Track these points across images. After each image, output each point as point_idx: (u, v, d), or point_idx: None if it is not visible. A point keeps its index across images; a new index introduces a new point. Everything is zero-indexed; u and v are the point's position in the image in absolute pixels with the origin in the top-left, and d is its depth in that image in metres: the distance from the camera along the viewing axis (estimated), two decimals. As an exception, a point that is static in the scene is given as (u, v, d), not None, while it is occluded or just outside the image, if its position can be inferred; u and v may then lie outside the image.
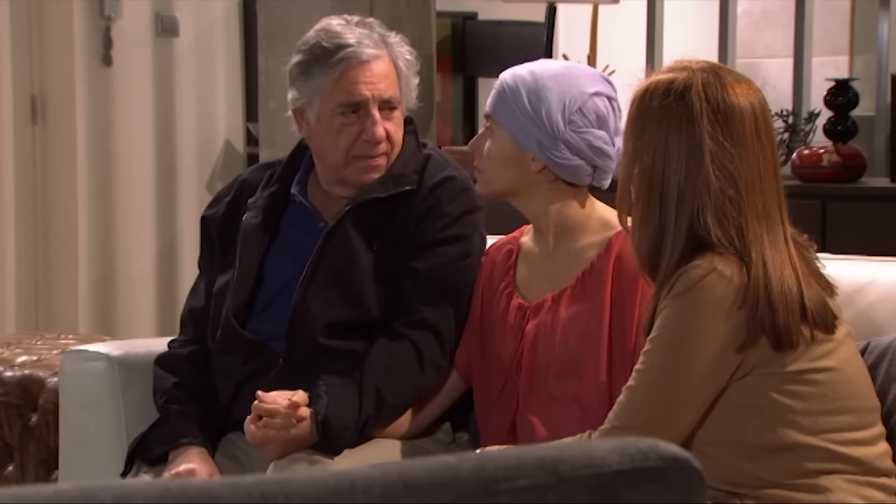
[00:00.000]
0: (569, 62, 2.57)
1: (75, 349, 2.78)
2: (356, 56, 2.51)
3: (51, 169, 5.05)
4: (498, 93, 2.48)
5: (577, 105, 2.43)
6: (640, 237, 2.14)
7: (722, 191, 2.08)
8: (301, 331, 2.52)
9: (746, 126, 2.10)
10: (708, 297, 2.04)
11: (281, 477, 1.03)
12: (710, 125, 2.09)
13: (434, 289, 2.52)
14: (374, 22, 2.58)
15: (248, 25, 5.41)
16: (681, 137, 2.10)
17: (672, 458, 1.06)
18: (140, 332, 5.03)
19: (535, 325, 2.46)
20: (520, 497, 1.01)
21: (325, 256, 2.53)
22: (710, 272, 2.04)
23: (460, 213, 2.55)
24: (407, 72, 2.56)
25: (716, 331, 2.05)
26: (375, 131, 2.52)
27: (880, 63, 4.72)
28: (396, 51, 2.55)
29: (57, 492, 0.98)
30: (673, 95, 2.11)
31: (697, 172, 2.08)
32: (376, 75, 2.52)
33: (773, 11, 6.01)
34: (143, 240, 5.22)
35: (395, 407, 2.50)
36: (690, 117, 2.09)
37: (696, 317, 2.05)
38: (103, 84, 5.09)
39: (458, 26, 5.67)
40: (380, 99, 2.52)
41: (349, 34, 2.53)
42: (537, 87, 2.43)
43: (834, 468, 2.06)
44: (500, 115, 2.46)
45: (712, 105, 2.09)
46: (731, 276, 2.05)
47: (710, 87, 2.10)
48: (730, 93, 2.11)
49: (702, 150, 2.08)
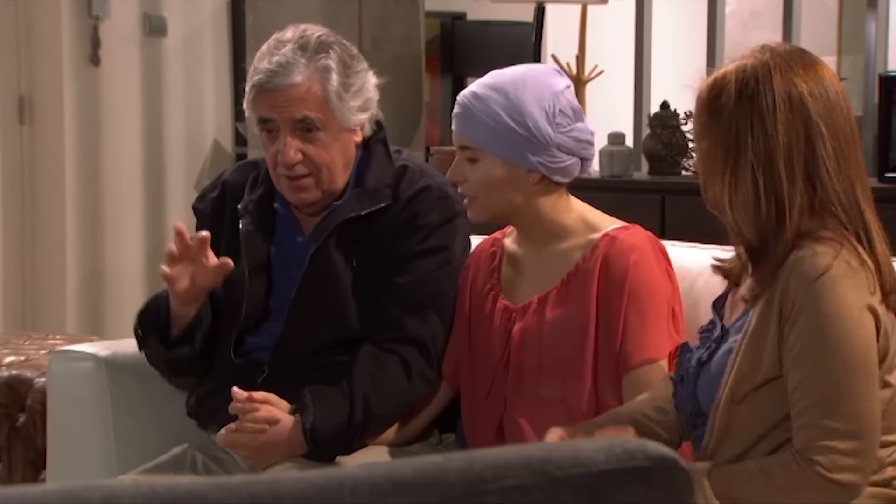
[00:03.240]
0: (518, 67, 2.49)
1: (63, 349, 2.77)
2: (263, 84, 2.48)
3: (39, 169, 5.04)
4: (471, 120, 2.42)
5: (556, 107, 2.42)
6: (750, 214, 2.05)
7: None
8: (287, 353, 2.53)
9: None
10: (845, 282, 1.99)
11: (269, 477, 1.03)
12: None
13: (417, 302, 2.51)
14: (314, 39, 2.50)
15: (237, 25, 5.40)
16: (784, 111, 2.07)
17: (659, 457, 1.06)
18: (128, 333, 4.98)
19: (522, 326, 2.45)
20: (507, 497, 1.01)
21: (310, 279, 2.52)
22: (836, 258, 2.00)
23: (439, 223, 2.53)
24: (340, 92, 2.48)
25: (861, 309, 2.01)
26: (284, 154, 2.48)
27: (868, 63, 4.73)
28: (326, 74, 2.48)
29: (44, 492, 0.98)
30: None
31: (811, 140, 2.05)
32: (287, 100, 2.47)
33: (761, 12, 6.02)
34: (132, 239, 5.21)
35: (383, 417, 2.50)
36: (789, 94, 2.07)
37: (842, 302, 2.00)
38: (91, 84, 5.08)
39: (446, 26, 5.67)
40: (291, 120, 2.48)
41: (273, 56, 2.48)
42: (514, 102, 2.40)
43: None
44: (484, 142, 2.42)
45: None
46: (851, 261, 2.00)
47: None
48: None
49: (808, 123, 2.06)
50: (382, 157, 2.58)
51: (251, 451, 2.44)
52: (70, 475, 2.68)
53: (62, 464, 2.71)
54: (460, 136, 2.45)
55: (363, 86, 2.52)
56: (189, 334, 2.56)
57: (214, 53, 5.43)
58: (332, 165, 2.52)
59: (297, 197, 2.54)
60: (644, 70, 4.90)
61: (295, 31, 2.53)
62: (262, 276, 2.56)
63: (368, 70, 2.56)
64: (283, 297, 2.55)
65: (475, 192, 2.45)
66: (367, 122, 2.55)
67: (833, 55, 5.79)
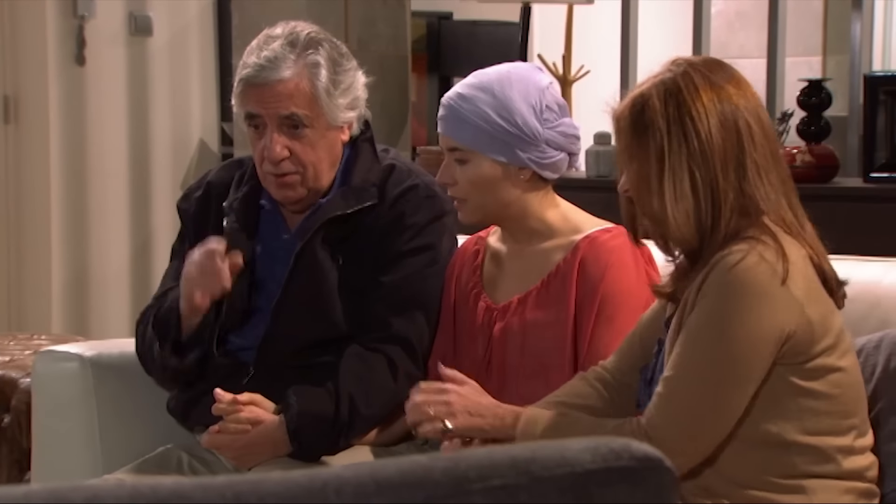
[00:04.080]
0: (500, 66, 2.49)
1: (48, 350, 2.77)
2: (251, 79, 2.47)
3: (23, 169, 5.02)
4: (459, 121, 2.41)
5: (542, 102, 2.42)
6: (685, 217, 2.06)
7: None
8: (272, 352, 2.52)
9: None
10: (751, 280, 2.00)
11: (253, 477, 1.03)
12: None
13: (403, 301, 2.51)
14: (304, 35, 2.50)
15: (223, 25, 5.40)
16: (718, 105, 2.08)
17: (644, 457, 1.06)
18: (114, 333, 5.01)
19: (503, 326, 2.45)
20: (492, 497, 1.01)
21: (296, 278, 2.52)
22: (750, 253, 2.01)
23: (426, 222, 2.53)
24: (329, 89, 2.47)
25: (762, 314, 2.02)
26: (270, 150, 2.47)
27: (853, 63, 4.74)
28: (314, 70, 2.47)
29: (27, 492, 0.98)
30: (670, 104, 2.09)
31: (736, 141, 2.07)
32: (275, 96, 2.46)
33: (746, 12, 6.03)
34: (117, 239, 5.20)
35: (369, 417, 2.49)
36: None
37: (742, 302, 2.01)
38: (77, 84, 5.07)
39: (433, 26, 5.67)
40: (277, 116, 2.47)
41: (262, 51, 2.47)
42: (501, 100, 2.40)
43: (822, 471, 2.06)
44: (474, 142, 2.41)
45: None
46: (771, 259, 2.01)
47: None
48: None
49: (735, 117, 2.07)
50: (369, 155, 2.57)
51: (235, 452, 2.44)
52: (55, 476, 2.67)
53: (47, 464, 2.71)
54: (448, 137, 2.44)
55: (352, 84, 2.52)
56: (199, 335, 2.54)
57: (200, 53, 5.42)
58: (319, 163, 2.51)
59: (282, 194, 2.53)
60: (630, 70, 4.90)
61: (285, 27, 2.53)
62: (245, 273, 2.56)
63: (358, 69, 2.55)
64: (269, 296, 2.55)
65: (466, 193, 2.45)
66: (355, 120, 2.55)
67: (818, 55, 5.80)
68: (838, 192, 4.04)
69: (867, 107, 4.12)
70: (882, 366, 2.21)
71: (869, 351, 2.24)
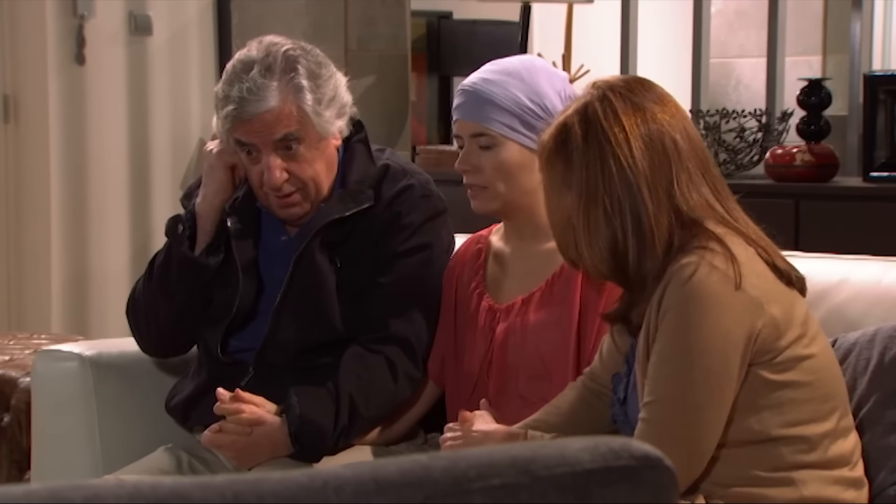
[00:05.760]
0: (517, 56, 2.50)
1: (48, 349, 2.77)
2: (238, 115, 2.44)
3: (23, 168, 5.02)
4: (487, 105, 2.40)
5: (566, 91, 2.42)
6: (599, 247, 2.07)
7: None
8: (272, 354, 2.52)
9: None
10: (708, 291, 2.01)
11: (253, 476, 1.03)
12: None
13: (401, 302, 2.51)
14: (280, 56, 2.45)
15: (223, 24, 5.39)
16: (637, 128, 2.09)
17: (644, 456, 1.06)
18: (113, 332, 5.01)
19: (505, 327, 2.45)
20: (492, 496, 1.01)
21: (295, 282, 2.51)
22: (701, 263, 2.01)
23: (422, 222, 2.53)
24: (315, 108, 2.46)
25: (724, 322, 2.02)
26: (270, 176, 2.46)
27: (853, 63, 4.74)
28: (299, 94, 2.45)
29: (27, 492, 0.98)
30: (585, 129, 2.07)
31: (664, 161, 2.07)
32: (265, 125, 2.44)
33: (746, 11, 6.03)
34: (117, 239, 5.20)
35: (369, 418, 2.49)
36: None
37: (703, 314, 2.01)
38: (76, 83, 5.06)
39: (432, 25, 5.66)
40: (272, 141, 2.46)
41: (242, 82, 2.43)
42: (531, 85, 2.40)
43: (809, 460, 2.06)
44: (503, 126, 2.40)
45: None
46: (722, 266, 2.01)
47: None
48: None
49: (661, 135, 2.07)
50: (364, 157, 2.57)
51: (236, 452, 2.44)
52: (55, 475, 2.68)
53: (47, 464, 2.71)
54: (474, 122, 2.42)
55: (336, 93, 2.50)
56: (215, 244, 2.56)
57: (200, 53, 5.42)
58: (317, 176, 2.51)
59: (286, 213, 2.53)
60: (630, 70, 4.90)
61: (259, 47, 2.49)
62: (252, 274, 2.56)
63: (336, 72, 2.53)
64: (269, 298, 2.55)
65: (488, 180, 2.43)
66: (345, 126, 2.54)
67: (818, 55, 5.80)
68: (838, 192, 4.04)
69: (867, 106, 4.12)
70: (876, 360, 2.21)
71: (863, 345, 2.24)
